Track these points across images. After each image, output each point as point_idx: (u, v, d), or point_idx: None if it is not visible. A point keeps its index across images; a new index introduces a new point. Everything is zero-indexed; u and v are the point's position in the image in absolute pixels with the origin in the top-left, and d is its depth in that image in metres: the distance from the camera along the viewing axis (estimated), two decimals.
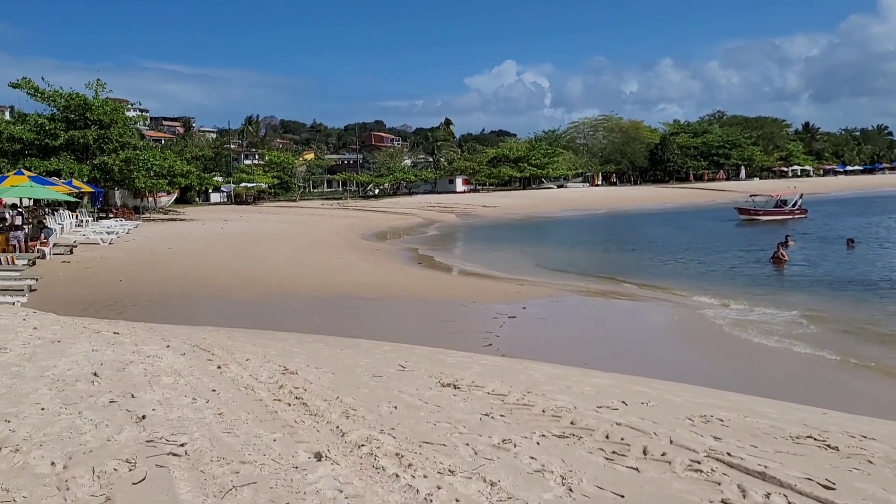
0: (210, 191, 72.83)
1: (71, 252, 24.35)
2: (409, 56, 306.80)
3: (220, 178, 68.43)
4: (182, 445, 4.61)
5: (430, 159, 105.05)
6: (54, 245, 24.18)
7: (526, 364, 9.26)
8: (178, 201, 64.07)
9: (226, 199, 74.07)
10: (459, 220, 60.10)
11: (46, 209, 36.97)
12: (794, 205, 50.47)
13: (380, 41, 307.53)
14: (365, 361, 8.47)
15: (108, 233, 30.88)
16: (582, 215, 64.12)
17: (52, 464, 4.26)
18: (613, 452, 5.02)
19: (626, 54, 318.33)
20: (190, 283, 19.18)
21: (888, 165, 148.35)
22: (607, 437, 5.41)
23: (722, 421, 6.18)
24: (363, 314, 15.13)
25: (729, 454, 5.04)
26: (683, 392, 7.74)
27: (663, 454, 4.98)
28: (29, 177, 27.67)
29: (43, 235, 22.88)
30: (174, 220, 47.57)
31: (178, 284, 18.75)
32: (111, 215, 41.97)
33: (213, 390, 6.26)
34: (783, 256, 25.33)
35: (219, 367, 7.32)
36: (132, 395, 5.91)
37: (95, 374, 6.65)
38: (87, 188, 38.37)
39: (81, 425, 5.03)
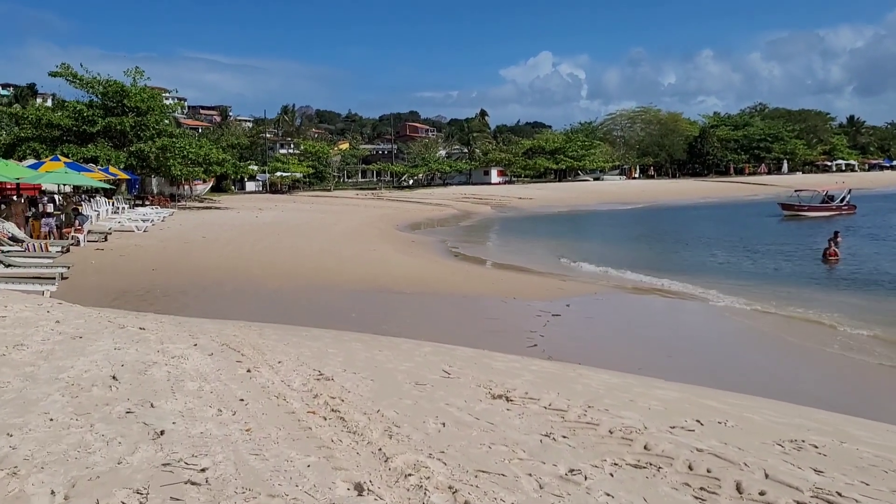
0: (245, 179, 73.02)
1: (105, 239, 24.14)
2: (445, 47, 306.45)
3: (255, 167, 68.42)
4: (203, 471, 3.98)
5: (465, 150, 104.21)
6: (89, 232, 23.98)
7: (580, 371, 8.52)
8: (213, 189, 64.31)
9: (261, 188, 74.21)
10: (495, 212, 59.26)
11: (83, 196, 37.11)
12: (841, 200, 48.69)
13: (417, 32, 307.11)
14: (406, 366, 7.81)
15: (144, 220, 30.72)
16: (621, 209, 62.83)
17: (52, 493, 3.66)
18: (702, 489, 4.28)
19: (665, 45, 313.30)
20: (223, 273, 18.73)
21: None
22: (690, 467, 4.66)
23: (816, 448, 5.39)
24: (401, 310, 14.50)
25: (839, 494, 4.28)
26: (761, 408, 6.94)
27: (762, 493, 4.22)
28: (64, 163, 27.52)
29: (78, 222, 22.66)
30: (209, 208, 47.54)
31: (210, 275, 18.31)
32: (147, 203, 41.97)
33: (242, 399, 5.64)
34: (835, 254, 24.14)
35: (248, 371, 6.70)
36: (152, 405, 5.31)
37: (114, 378, 6.08)
38: (123, 175, 38.38)
39: (91, 442, 4.43)
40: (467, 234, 39.11)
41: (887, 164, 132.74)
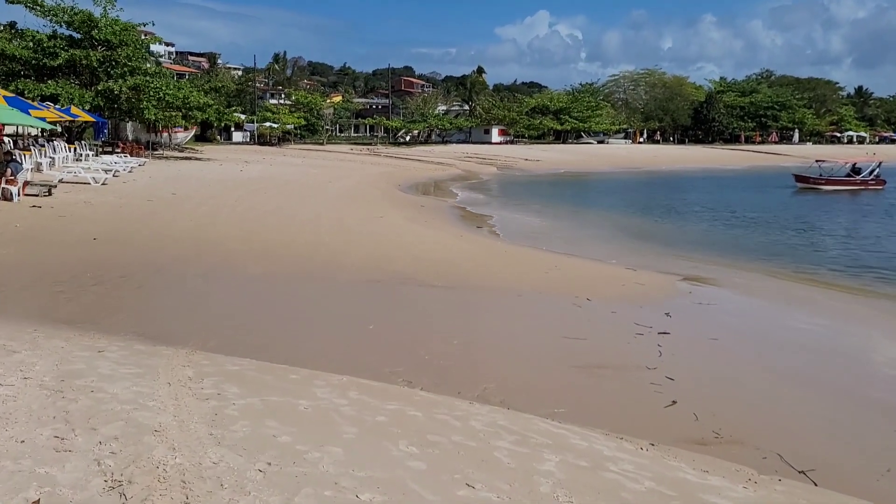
0: (232, 129, 67.74)
1: (49, 193, 19.41)
2: (441, 2, 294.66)
3: (242, 116, 63.10)
4: None
5: (466, 107, 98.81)
6: (27, 184, 19.26)
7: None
8: (197, 139, 59.15)
9: (248, 139, 68.91)
10: (502, 173, 54.56)
11: (40, 139, 32.15)
12: (870, 173, 44.27)
13: None
14: (476, 474, 3.40)
15: (106, 171, 25.89)
16: (637, 174, 58.28)
17: None
18: None
19: (667, 8, 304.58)
20: (189, 246, 14.15)
21: None
22: None
23: None
24: (435, 317, 10.03)
25: None
26: None
27: None
28: (5, 98, 22.53)
29: (9, 171, 17.89)
30: (189, 158, 42.54)
31: (171, 249, 13.72)
32: (117, 150, 36.94)
33: None
34: None
35: None
36: None
37: None
38: (87, 117, 33.29)
39: None
40: (480, 198, 34.48)
41: None
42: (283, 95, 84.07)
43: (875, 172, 44.16)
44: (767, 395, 7.64)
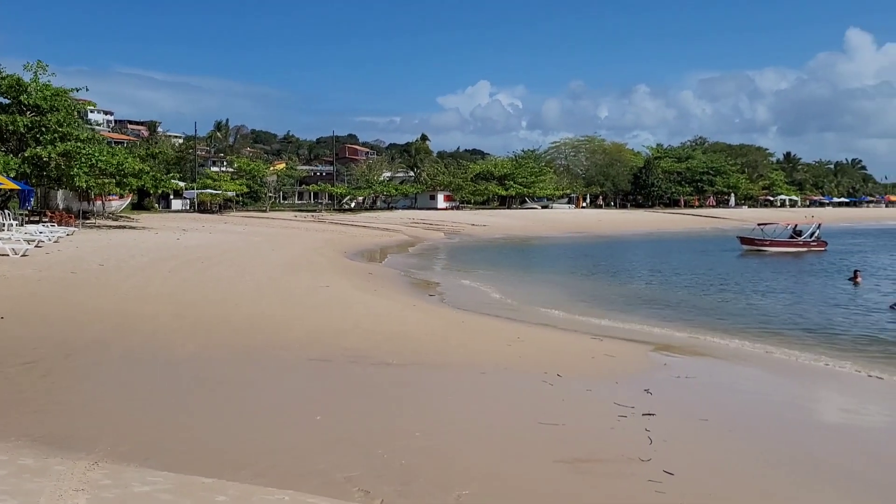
0: (171, 197, 65.79)
1: None
2: (385, 74, 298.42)
3: (181, 183, 61.33)
4: None
5: (411, 173, 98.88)
6: None
7: None
8: (134, 207, 57.05)
9: (188, 207, 66.94)
10: (450, 239, 53.86)
11: None
12: (811, 235, 45.23)
13: (359, 57, 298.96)
14: None
15: (28, 241, 24.06)
16: (584, 238, 58.36)
17: None
18: None
19: (603, 80, 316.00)
20: (113, 324, 12.63)
21: (874, 199, 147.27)
22: None
23: None
24: (392, 403, 8.78)
25: None
26: None
27: None
28: None
29: None
30: (123, 227, 40.60)
31: (93, 327, 12.19)
32: (44, 219, 34.86)
33: None
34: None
35: None
36: None
37: None
38: (11, 185, 31.34)
39: None
40: (430, 265, 33.54)
41: (827, 201, 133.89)
42: (224, 163, 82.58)
43: (815, 234, 45.09)
44: (727, 471, 6.62)
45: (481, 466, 6.66)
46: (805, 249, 43.66)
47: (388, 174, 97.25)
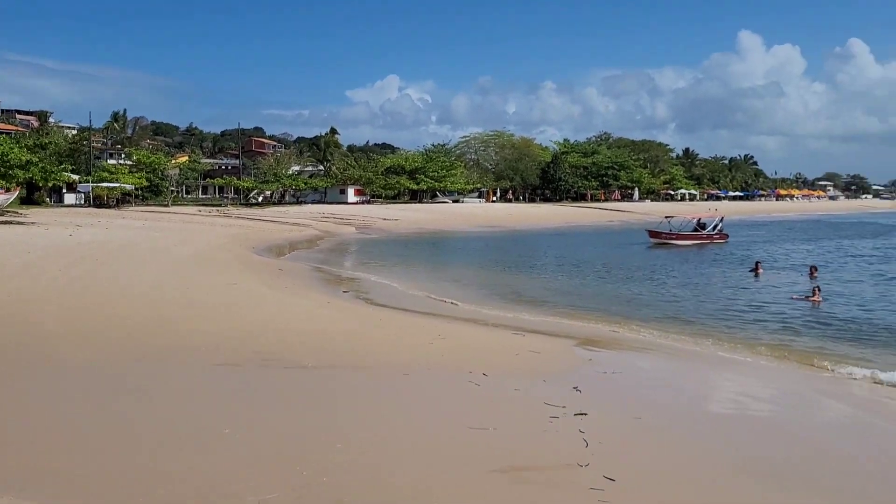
0: (64, 190, 61.90)
1: None
2: (291, 65, 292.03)
3: (74, 176, 57.72)
4: None
5: (320, 167, 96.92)
6: None
7: None
8: (23, 201, 53.17)
9: (83, 202, 63.10)
10: (361, 234, 52.89)
11: None
12: (713, 228, 47.17)
13: (265, 49, 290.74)
14: None
15: None
16: (494, 232, 58.59)
17: None
18: None
19: (510, 76, 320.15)
20: None
21: (765, 192, 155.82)
22: None
23: None
24: (309, 412, 8.07)
25: None
26: None
27: None
28: None
29: None
30: (10, 223, 37.64)
31: None
32: None
33: None
34: (816, 293, 20.00)
35: None
36: None
37: None
38: None
39: None
40: (342, 260, 32.65)
41: (724, 195, 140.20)
42: (122, 155, 78.39)
43: (718, 227, 46.96)
44: (725, 492, 6.33)
45: (411, 481, 6.07)
46: (709, 242, 45.37)
47: (297, 168, 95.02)
